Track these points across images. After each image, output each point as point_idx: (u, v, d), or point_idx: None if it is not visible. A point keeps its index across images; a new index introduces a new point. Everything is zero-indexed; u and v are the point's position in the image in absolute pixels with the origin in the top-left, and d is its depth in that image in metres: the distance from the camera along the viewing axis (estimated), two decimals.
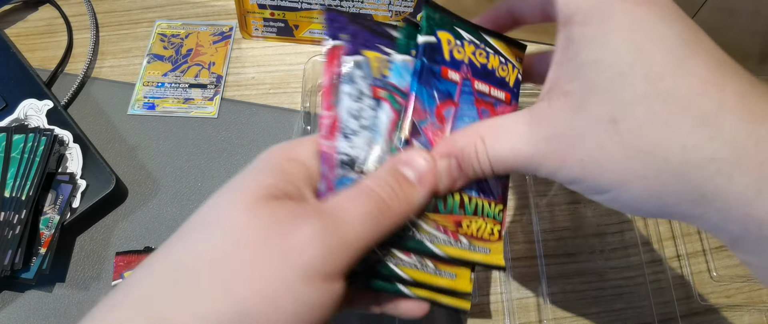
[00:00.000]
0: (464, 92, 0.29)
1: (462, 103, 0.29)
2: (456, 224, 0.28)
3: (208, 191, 0.45)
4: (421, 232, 0.27)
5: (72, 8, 0.55)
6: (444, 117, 0.28)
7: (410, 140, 0.27)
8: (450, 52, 0.29)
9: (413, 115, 0.27)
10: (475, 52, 0.30)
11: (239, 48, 0.53)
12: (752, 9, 0.45)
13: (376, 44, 0.28)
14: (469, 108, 0.29)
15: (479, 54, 0.30)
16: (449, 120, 0.28)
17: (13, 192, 0.41)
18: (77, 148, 0.45)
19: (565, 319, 0.40)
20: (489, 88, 0.30)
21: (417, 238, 0.27)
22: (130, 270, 0.40)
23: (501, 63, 0.30)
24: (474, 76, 0.29)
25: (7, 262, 0.38)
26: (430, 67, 0.28)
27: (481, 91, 0.29)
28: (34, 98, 0.47)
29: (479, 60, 0.30)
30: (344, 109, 0.26)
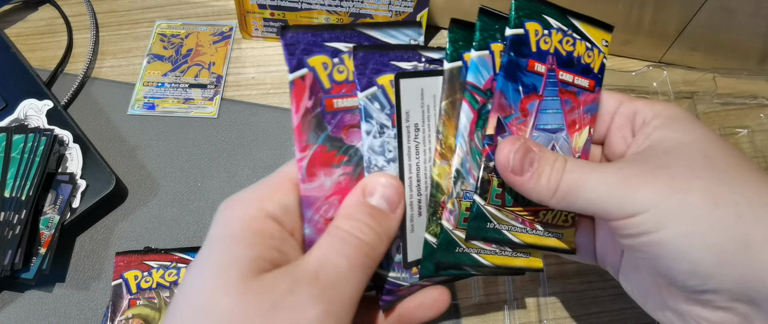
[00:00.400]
0: (548, 84, 0.29)
1: (547, 95, 0.29)
2: (534, 214, 0.29)
3: (208, 191, 0.45)
4: (500, 223, 0.28)
5: (72, 8, 0.55)
6: (527, 110, 0.28)
7: (495, 137, 0.27)
8: (537, 43, 0.28)
9: (498, 112, 0.27)
10: (562, 40, 0.29)
11: (239, 48, 0.53)
12: (752, 9, 0.45)
13: (391, 63, 0.26)
14: (552, 99, 0.29)
15: (566, 41, 0.29)
16: (533, 113, 0.28)
17: (13, 192, 0.41)
18: (77, 148, 0.45)
19: (565, 319, 0.40)
20: (573, 77, 0.29)
21: (496, 228, 0.28)
22: (130, 270, 0.40)
23: (587, 49, 0.30)
24: (559, 65, 0.29)
25: (7, 262, 0.38)
26: (517, 61, 0.28)
27: (565, 80, 0.29)
28: (34, 98, 0.47)
29: (566, 48, 0.29)
30: (366, 147, 0.25)
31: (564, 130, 0.29)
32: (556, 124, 0.29)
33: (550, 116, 0.29)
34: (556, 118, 0.29)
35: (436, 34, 0.54)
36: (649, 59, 0.53)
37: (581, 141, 0.30)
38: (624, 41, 0.52)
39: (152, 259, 0.40)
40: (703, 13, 0.46)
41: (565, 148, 0.29)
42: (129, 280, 0.39)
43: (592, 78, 0.30)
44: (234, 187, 0.45)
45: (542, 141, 0.28)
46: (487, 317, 0.40)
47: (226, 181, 0.46)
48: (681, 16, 0.47)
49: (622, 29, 0.50)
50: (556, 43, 0.29)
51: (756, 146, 0.48)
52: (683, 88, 0.50)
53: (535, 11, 0.28)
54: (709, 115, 0.50)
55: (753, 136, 0.49)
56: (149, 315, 0.39)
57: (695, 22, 0.47)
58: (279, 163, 0.46)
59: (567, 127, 0.29)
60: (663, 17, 0.48)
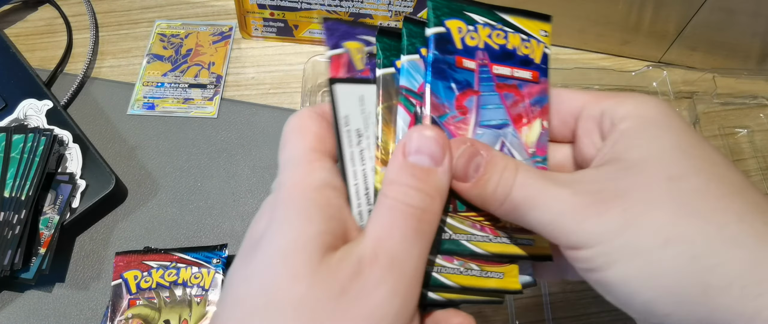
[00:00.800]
0: (483, 79, 0.28)
1: (483, 91, 0.27)
2: (494, 219, 0.26)
3: (208, 191, 0.45)
4: (457, 232, 0.26)
5: (71, 8, 0.55)
6: (466, 107, 0.27)
7: None
8: (462, 40, 0.28)
9: (431, 111, 0.26)
10: (491, 35, 0.29)
11: (239, 48, 0.53)
12: (752, 9, 0.45)
13: (358, 36, 0.27)
14: (489, 94, 0.28)
15: (496, 35, 0.29)
16: (473, 109, 0.27)
17: (12, 192, 0.41)
18: (77, 148, 0.45)
19: (565, 319, 0.40)
20: (511, 69, 0.28)
21: (453, 239, 0.25)
22: (129, 270, 0.40)
23: (523, 40, 0.29)
24: (492, 60, 0.28)
25: (6, 262, 0.38)
26: (444, 59, 0.27)
27: (502, 74, 0.28)
28: (34, 98, 0.47)
29: (497, 42, 0.28)
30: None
31: (510, 125, 0.28)
32: (500, 119, 0.27)
33: (491, 112, 0.27)
34: (499, 114, 0.28)
35: None
36: (649, 59, 0.53)
37: (533, 135, 0.28)
38: (623, 41, 0.52)
39: (152, 259, 0.40)
40: (702, 12, 0.46)
41: (515, 143, 0.27)
42: (129, 280, 0.39)
43: (535, 69, 0.29)
44: (234, 188, 0.45)
45: (488, 139, 0.27)
46: (487, 318, 0.40)
47: (225, 181, 0.46)
48: (681, 15, 0.47)
49: (621, 29, 0.50)
50: (484, 38, 0.28)
51: (755, 146, 0.48)
52: (683, 88, 0.50)
53: (456, 9, 0.28)
54: (708, 114, 0.50)
55: (753, 136, 0.49)
56: (149, 315, 0.38)
57: (695, 22, 0.47)
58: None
59: (512, 121, 0.28)
60: (662, 17, 0.48)
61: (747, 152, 0.48)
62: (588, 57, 0.53)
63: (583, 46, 0.53)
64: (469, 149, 0.24)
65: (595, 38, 0.52)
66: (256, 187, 0.45)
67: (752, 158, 0.48)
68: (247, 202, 0.45)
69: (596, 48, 0.53)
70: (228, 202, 0.45)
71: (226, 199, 0.45)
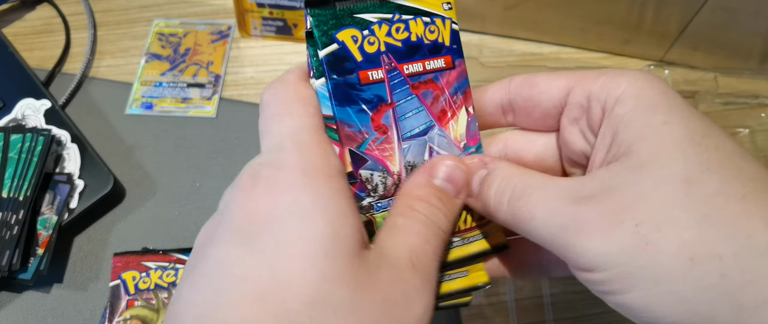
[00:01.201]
0: (395, 86, 0.26)
1: (398, 100, 0.25)
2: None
3: (207, 191, 0.45)
4: None
5: (69, 7, 0.55)
6: (384, 125, 0.25)
7: (356, 173, 0.24)
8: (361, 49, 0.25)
9: (347, 144, 0.24)
10: (390, 32, 0.26)
11: (238, 47, 0.53)
12: (753, 9, 0.45)
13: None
14: (407, 100, 0.26)
15: (396, 30, 0.26)
16: (391, 125, 0.25)
17: (10, 192, 0.40)
18: (75, 148, 0.44)
19: (565, 319, 0.40)
20: (422, 64, 0.26)
21: None
22: (128, 271, 0.39)
23: (426, 25, 0.26)
24: (400, 60, 0.26)
25: (4, 263, 0.38)
26: (345, 81, 0.25)
27: (414, 72, 0.26)
28: (32, 98, 0.47)
29: (398, 37, 0.26)
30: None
31: (435, 126, 0.26)
32: (423, 123, 0.26)
33: (412, 119, 0.26)
34: (420, 118, 0.26)
35: None
36: (651, 58, 0.53)
37: (461, 127, 0.26)
38: (625, 40, 0.51)
39: (150, 260, 0.40)
40: (704, 12, 0.46)
41: (443, 144, 0.26)
42: (127, 281, 0.39)
43: (447, 53, 0.26)
44: None
45: (415, 150, 0.25)
46: (488, 318, 0.40)
47: (224, 181, 0.45)
48: (682, 15, 0.47)
49: (622, 28, 0.50)
50: (384, 38, 0.26)
51: (757, 146, 0.48)
52: (684, 88, 0.50)
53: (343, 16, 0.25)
54: (710, 114, 0.50)
55: (754, 135, 0.49)
56: (147, 316, 0.38)
57: (696, 21, 0.47)
58: None
59: (437, 120, 0.26)
60: (664, 16, 0.47)
61: (749, 151, 0.48)
62: (589, 56, 0.53)
63: (584, 45, 0.53)
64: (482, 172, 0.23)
65: (596, 37, 0.52)
66: None
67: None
68: None
69: (597, 47, 0.53)
70: None
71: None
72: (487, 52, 0.53)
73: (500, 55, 0.53)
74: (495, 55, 0.53)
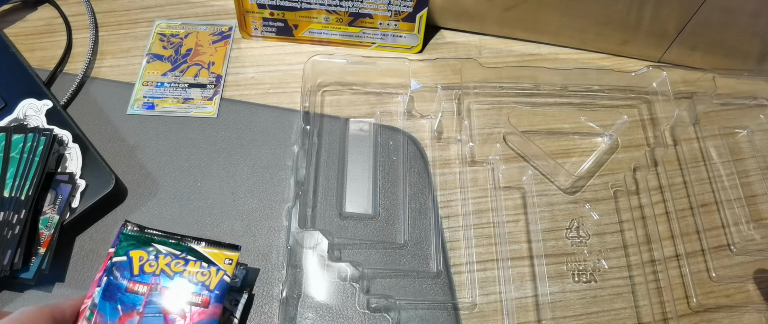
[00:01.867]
0: (150, 302, 0.34)
1: (148, 312, 0.34)
2: None
3: (208, 191, 0.45)
4: None
5: (71, 8, 0.55)
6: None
7: None
8: (141, 267, 0.35)
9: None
10: (170, 264, 0.35)
11: (238, 48, 0.53)
12: (752, 9, 0.45)
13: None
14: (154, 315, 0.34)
15: (175, 264, 0.35)
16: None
17: (12, 192, 0.41)
18: (76, 147, 0.45)
19: (564, 319, 0.40)
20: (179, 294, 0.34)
21: None
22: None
23: (201, 268, 0.35)
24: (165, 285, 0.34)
25: (6, 262, 0.38)
26: (117, 284, 0.34)
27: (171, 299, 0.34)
28: (34, 98, 0.47)
29: (174, 270, 0.35)
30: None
31: None
32: None
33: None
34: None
35: (436, 33, 0.54)
36: (649, 59, 0.53)
37: None
38: (623, 41, 0.52)
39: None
40: (702, 12, 0.46)
41: None
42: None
43: (207, 295, 0.34)
44: (233, 187, 0.45)
45: None
46: (486, 317, 0.40)
47: (225, 181, 0.46)
48: (680, 15, 0.47)
49: (621, 29, 0.50)
50: (162, 266, 0.35)
51: (755, 146, 0.48)
52: (682, 89, 0.50)
53: (145, 241, 0.36)
54: (708, 115, 0.50)
55: (752, 136, 0.49)
56: None
57: (695, 22, 0.47)
58: (278, 163, 0.46)
59: None
60: (662, 16, 0.48)
61: (747, 152, 0.48)
62: (588, 56, 0.53)
63: (582, 45, 0.53)
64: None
65: (594, 38, 0.52)
66: (256, 187, 0.45)
67: (752, 158, 0.48)
68: (247, 202, 0.45)
69: (596, 47, 0.53)
70: (228, 202, 0.45)
71: (226, 199, 0.45)
72: (486, 53, 0.53)
73: (499, 56, 0.53)
74: (494, 56, 0.53)
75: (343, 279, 0.41)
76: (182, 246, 0.36)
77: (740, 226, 0.44)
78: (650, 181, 0.46)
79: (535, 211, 0.44)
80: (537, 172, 0.46)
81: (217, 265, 0.35)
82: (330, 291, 0.41)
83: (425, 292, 0.41)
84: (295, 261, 0.41)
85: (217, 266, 0.35)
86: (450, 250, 0.43)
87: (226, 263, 0.36)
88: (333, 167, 0.46)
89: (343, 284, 0.41)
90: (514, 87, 0.50)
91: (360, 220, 0.44)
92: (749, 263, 0.43)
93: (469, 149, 0.47)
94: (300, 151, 0.45)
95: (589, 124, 0.49)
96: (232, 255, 0.36)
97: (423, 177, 0.46)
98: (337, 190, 0.45)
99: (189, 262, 0.35)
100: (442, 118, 0.48)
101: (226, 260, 0.36)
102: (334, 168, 0.46)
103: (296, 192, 0.43)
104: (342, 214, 0.44)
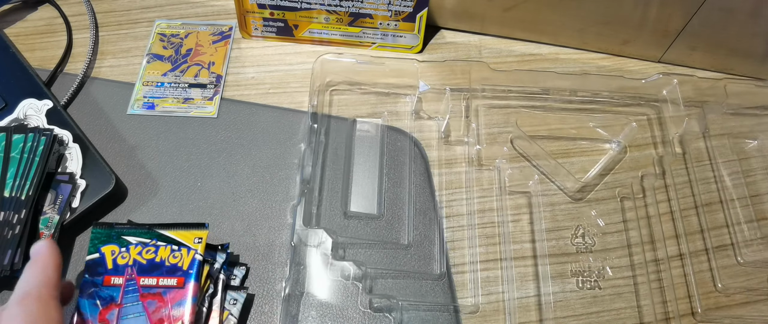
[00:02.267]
0: (128, 292, 0.35)
1: (126, 302, 0.35)
2: None
3: (208, 191, 0.45)
4: None
5: (71, 8, 0.55)
6: (107, 320, 0.34)
7: None
8: (114, 261, 0.36)
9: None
10: (141, 252, 0.36)
11: (239, 48, 0.53)
12: (752, 9, 0.45)
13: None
14: (133, 304, 0.35)
15: (146, 252, 0.36)
16: (113, 320, 0.34)
17: (12, 192, 0.41)
18: (77, 147, 0.45)
19: (565, 319, 0.40)
20: (157, 279, 0.35)
21: None
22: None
23: (172, 251, 0.36)
24: (140, 273, 0.36)
25: (6, 261, 0.38)
26: (92, 280, 0.36)
27: (148, 285, 0.35)
28: (34, 98, 0.47)
29: (145, 257, 0.36)
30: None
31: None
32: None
33: (131, 320, 0.34)
34: (140, 321, 0.35)
35: (436, 33, 0.54)
36: (649, 59, 0.53)
37: None
38: (624, 41, 0.52)
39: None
40: (702, 12, 0.46)
41: None
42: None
43: (181, 276, 0.36)
44: (233, 187, 0.45)
45: None
46: (486, 317, 0.40)
47: (225, 181, 0.46)
48: (681, 15, 0.47)
49: (621, 29, 0.50)
50: (134, 256, 0.36)
51: (765, 156, 0.48)
52: (693, 97, 0.49)
53: (114, 236, 0.37)
54: (718, 124, 0.49)
55: (762, 146, 0.48)
56: None
57: (695, 22, 0.47)
58: (279, 163, 0.46)
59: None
60: (663, 16, 0.48)
61: (756, 163, 0.48)
62: (588, 57, 0.53)
63: (583, 45, 0.53)
64: None
65: (594, 38, 0.52)
66: (256, 186, 0.45)
67: (752, 158, 0.48)
68: (247, 201, 0.45)
69: (596, 47, 0.53)
70: (228, 202, 0.45)
71: (226, 198, 0.45)
72: (486, 53, 0.53)
73: (499, 56, 0.53)
74: (494, 56, 0.53)
75: (346, 278, 0.41)
76: (151, 233, 0.37)
77: (742, 226, 0.44)
78: (657, 189, 0.46)
79: (540, 213, 0.44)
80: (543, 176, 0.46)
81: (187, 246, 0.37)
82: (332, 289, 0.41)
83: (427, 293, 0.41)
84: (298, 259, 0.41)
85: (188, 246, 0.37)
86: (453, 250, 0.43)
87: (195, 242, 0.37)
88: (339, 166, 0.46)
89: (346, 283, 0.41)
90: (522, 90, 0.50)
91: (364, 220, 0.44)
92: (751, 263, 0.43)
93: (476, 151, 0.47)
94: (307, 149, 0.45)
95: (597, 130, 0.48)
96: (201, 233, 0.37)
97: (427, 178, 0.46)
98: (343, 189, 0.45)
99: (160, 248, 0.37)
100: (449, 119, 0.48)
101: (195, 239, 0.37)
102: (340, 167, 0.46)
103: (302, 190, 0.43)
104: (347, 214, 0.44)
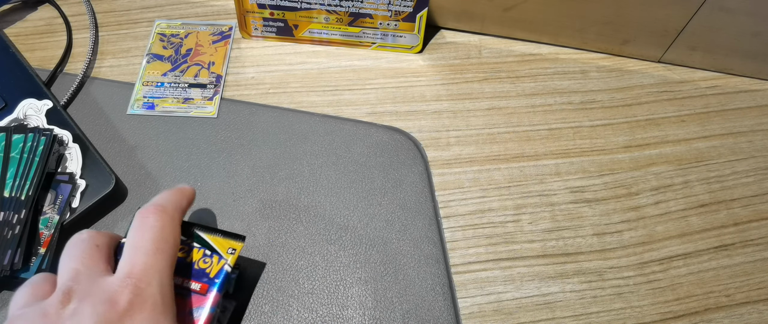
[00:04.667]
0: None
1: None
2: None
3: (208, 191, 0.45)
4: None
5: (71, 8, 0.55)
6: None
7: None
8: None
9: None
10: (182, 248, 0.35)
11: (239, 48, 0.53)
12: (751, 9, 0.45)
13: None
14: None
15: (180, 250, 0.35)
16: None
17: (12, 192, 0.41)
18: (77, 147, 0.45)
19: (565, 319, 0.40)
20: (182, 280, 0.34)
21: None
22: None
23: (204, 255, 0.35)
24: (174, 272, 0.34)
25: (6, 262, 0.38)
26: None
27: (175, 284, 0.34)
28: (34, 98, 0.47)
29: (180, 255, 0.35)
30: None
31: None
32: None
33: None
34: None
35: (436, 33, 0.54)
36: (649, 59, 0.53)
37: None
38: (623, 41, 0.52)
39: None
40: (702, 12, 0.46)
41: None
42: None
43: (206, 282, 0.34)
44: (233, 187, 0.45)
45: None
46: (486, 317, 0.40)
47: (225, 181, 0.46)
48: (680, 15, 0.47)
49: (621, 28, 0.50)
50: (178, 253, 0.35)
51: (755, 146, 0.48)
52: (684, 89, 0.50)
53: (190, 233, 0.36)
54: (719, 124, 0.50)
55: (763, 146, 0.49)
56: None
57: (694, 22, 0.47)
58: (279, 163, 0.46)
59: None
60: (662, 16, 0.48)
61: (747, 152, 0.48)
62: (588, 57, 0.53)
63: (582, 45, 0.53)
64: None
65: (594, 38, 0.52)
66: (256, 186, 0.45)
67: (752, 158, 0.48)
68: (247, 202, 0.45)
69: (596, 47, 0.53)
70: (228, 202, 0.45)
71: (226, 199, 0.45)
72: (486, 53, 0.53)
73: (499, 56, 0.53)
74: (494, 56, 0.53)
75: None
76: (189, 232, 0.36)
77: (742, 226, 0.44)
78: (658, 188, 0.46)
79: (540, 213, 0.44)
80: (544, 176, 0.46)
81: (219, 254, 0.35)
82: None
83: (427, 294, 0.41)
84: None
85: (220, 255, 0.35)
86: (453, 250, 0.43)
87: (229, 252, 0.36)
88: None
89: None
90: (516, 86, 0.50)
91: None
92: (750, 263, 0.43)
93: (476, 151, 0.47)
94: None
95: (596, 129, 0.49)
96: (236, 245, 0.36)
97: (423, 177, 0.46)
98: None
99: (193, 249, 0.35)
100: (443, 117, 0.48)
101: (229, 249, 0.36)
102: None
103: None
104: None
